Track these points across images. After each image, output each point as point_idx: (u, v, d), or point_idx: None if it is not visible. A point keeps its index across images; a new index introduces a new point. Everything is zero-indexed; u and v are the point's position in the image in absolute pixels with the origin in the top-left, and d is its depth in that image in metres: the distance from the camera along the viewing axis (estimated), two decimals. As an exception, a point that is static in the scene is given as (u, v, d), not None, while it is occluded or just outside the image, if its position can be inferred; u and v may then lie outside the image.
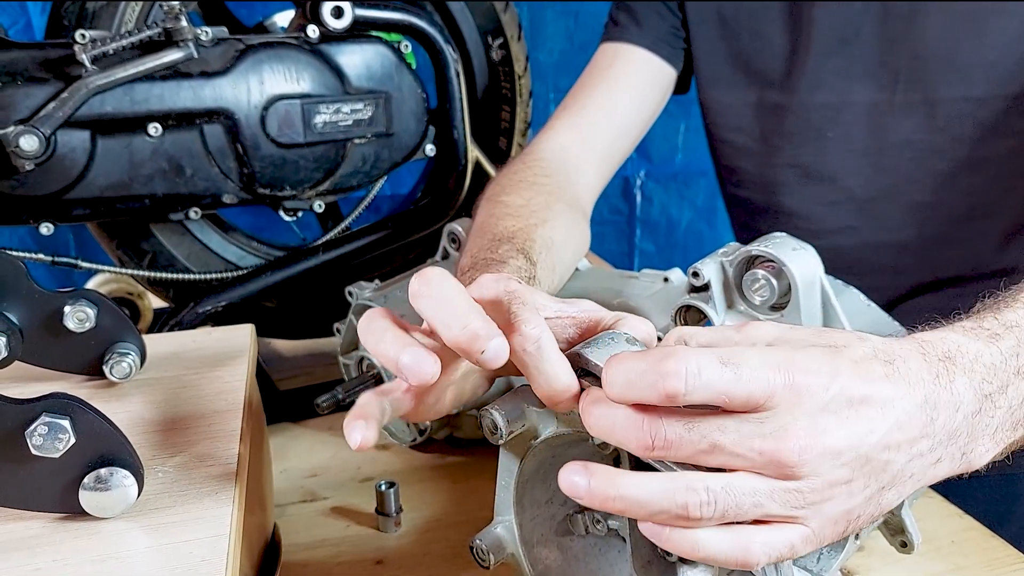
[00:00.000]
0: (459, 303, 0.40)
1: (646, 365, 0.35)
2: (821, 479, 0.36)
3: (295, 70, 0.81)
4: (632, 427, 0.36)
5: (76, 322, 0.56)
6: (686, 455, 0.36)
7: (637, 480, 0.36)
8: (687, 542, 0.37)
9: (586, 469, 0.37)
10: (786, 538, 0.37)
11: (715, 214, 1.74)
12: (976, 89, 0.74)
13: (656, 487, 0.36)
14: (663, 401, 0.36)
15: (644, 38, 0.86)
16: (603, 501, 0.37)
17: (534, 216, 0.67)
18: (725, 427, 0.36)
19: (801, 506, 0.36)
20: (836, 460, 0.36)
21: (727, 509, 0.36)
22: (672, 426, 0.36)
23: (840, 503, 0.37)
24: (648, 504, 0.36)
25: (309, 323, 0.96)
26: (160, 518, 0.44)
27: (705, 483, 0.36)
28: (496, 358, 0.39)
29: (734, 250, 0.52)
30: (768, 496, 0.36)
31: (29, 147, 0.70)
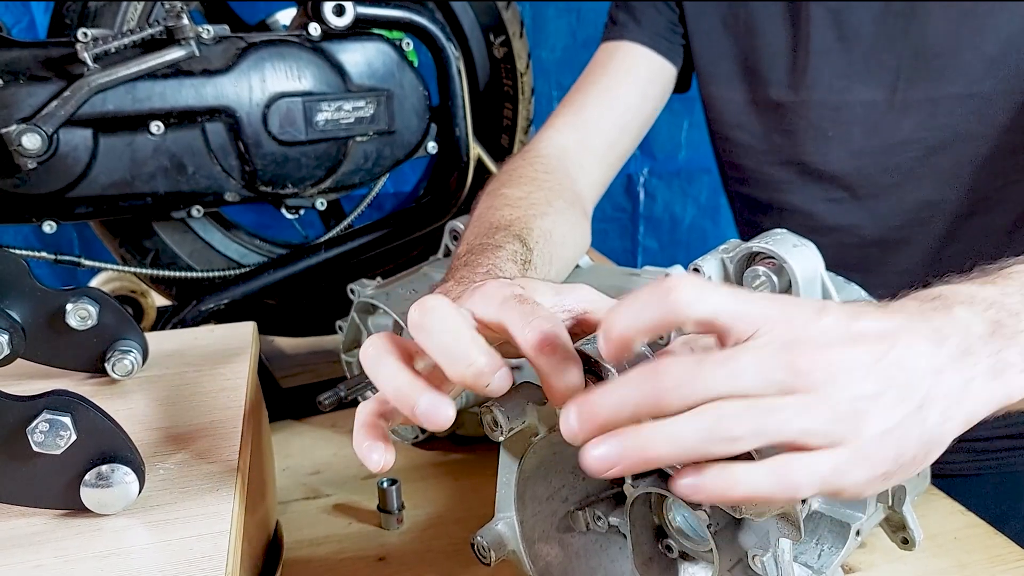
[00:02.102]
0: (460, 336, 0.39)
1: (648, 293, 0.36)
2: (845, 390, 0.35)
3: (297, 68, 0.81)
4: (646, 379, 0.35)
5: (78, 320, 0.56)
6: (709, 386, 0.35)
7: (668, 423, 0.35)
8: (726, 483, 0.35)
9: (613, 436, 0.35)
10: (829, 460, 0.35)
11: (718, 211, 1.74)
12: (978, 86, 0.73)
13: (689, 422, 0.35)
14: (666, 316, 0.36)
15: (642, 35, 0.86)
16: (636, 456, 0.35)
17: (533, 208, 0.67)
18: (738, 351, 0.35)
19: (834, 421, 0.35)
20: (853, 373, 0.36)
21: (763, 426, 0.34)
22: (684, 362, 0.35)
23: (878, 420, 0.36)
24: (685, 439, 0.34)
25: (311, 321, 0.96)
26: (161, 515, 0.45)
27: (734, 406, 0.34)
28: (500, 390, 0.39)
29: (735, 246, 0.52)
30: (801, 409, 0.35)
31: (32, 145, 0.71)
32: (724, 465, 0.35)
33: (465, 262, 0.57)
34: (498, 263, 0.55)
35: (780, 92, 0.82)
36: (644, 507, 0.48)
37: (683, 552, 0.49)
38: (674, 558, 0.49)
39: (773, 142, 0.85)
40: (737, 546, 0.45)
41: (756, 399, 0.35)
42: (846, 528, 0.49)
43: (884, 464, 0.37)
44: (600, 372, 0.40)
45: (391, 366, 0.41)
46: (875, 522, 0.52)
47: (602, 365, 0.40)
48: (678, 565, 0.49)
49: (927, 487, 0.56)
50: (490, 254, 0.56)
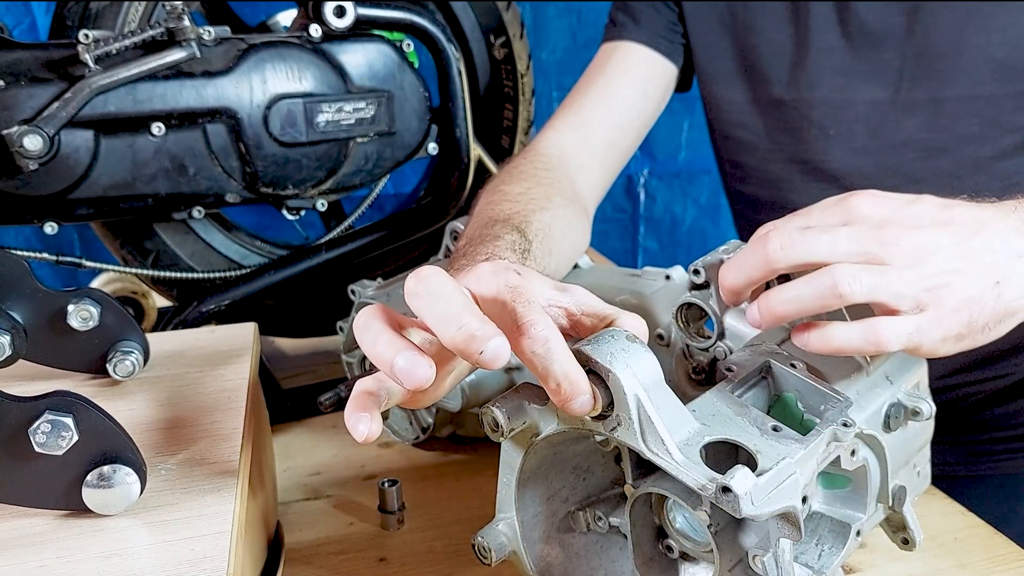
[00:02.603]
0: (454, 301, 0.40)
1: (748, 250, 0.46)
2: (932, 266, 0.43)
3: (297, 69, 0.81)
4: (759, 243, 0.45)
5: (80, 321, 0.56)
6: (811, 249, 0.43)
7: (789, 285, 0.44)
8: (826, 336, 0.44)
9: (760, 296, 0.45)
10: (912, 322, 0.43)
11: (719, 212, 1.74)
12: (982, 88, 0.73)
13: (806, 282, 0.43)
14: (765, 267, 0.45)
15: (642, 34, 0.86)
16: (771, 310, 0.45)
17: (532, 203, 0.67)
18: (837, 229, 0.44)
19: (921, 289, 0.43)
20: (940, 251, 0.43)
21: (871, 288, 0.42)
22: (788, 229, 0.44)
23: (957, 291, 0.43)
24: (804, 296, 0.43)
25: (312, 321, 0.96)
26: (163, 515, 0.45)
27: (844, 268, 0.42)
28: (495, 359, 0.38)
29: (735, 247, 0.52)
30: (896, 276, 0.42)
31: (33, 147, 0.71)
32: (827, 323, 0.44)
33: (464, 253, 0.57)
34: (497, 251, 0.55)
35: (781, 90, 0.82)
36: (645, 507, 0.48)
37: (684, 552, 0.49)
38: (675, 558, 0.49)
39: (774, 140, 0.85)
40: (737, 546, 0.45)
41: (863, 267, 0.43)
42: (846, 528, 0.49)
43: (958, 327, 0.44)
44: (599, 372, 0.40)
45: (376, 326, 0.41)
46: (875, 522, 0.52)
47: (601, 365, 0.40)
48: (679, 565, 0.49)
49: (927, 487, 0.56)
50: (489, 243, 0.56)
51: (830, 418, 0.45)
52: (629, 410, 0.40)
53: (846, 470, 0.47)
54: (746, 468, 0.38)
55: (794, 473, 0.40)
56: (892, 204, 0.45)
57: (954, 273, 0.43)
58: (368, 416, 0.41)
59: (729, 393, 0.46)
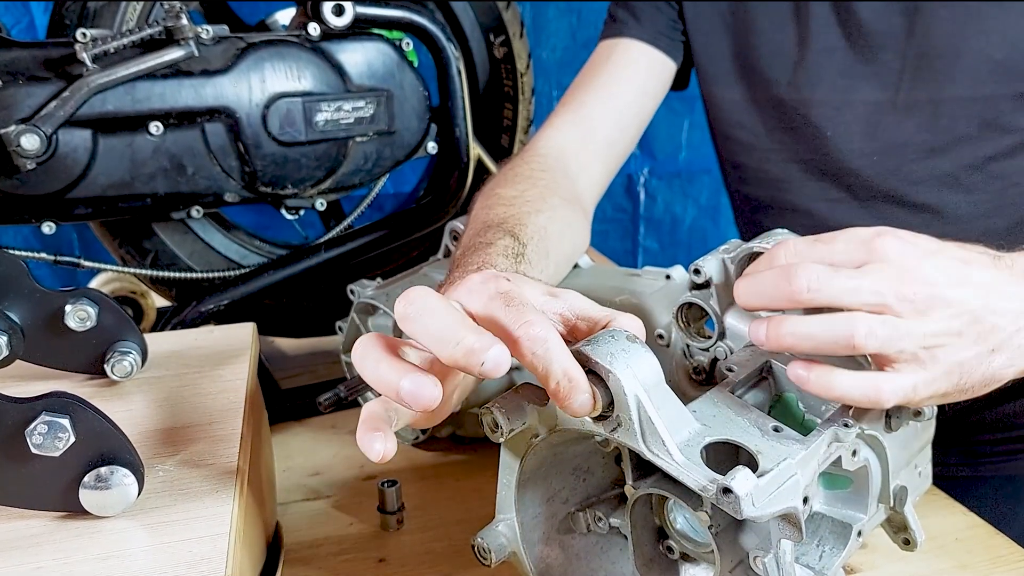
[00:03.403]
0: (446, 318, 0.39)
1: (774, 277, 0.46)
2: (937, 324, 0.44)
3: (296, 68, 0.81)
4: (785, 276, 0.44)
5: (77, 321, 0.56)
6: (833, 295, 0.44)
7: (805, 319, 0.44)
8: (828, 382, 0.44)
9: (765, 320, 0.45)
10: (910, 381, 0.45)
11: (719, 211, 1.73)
12: (981, 88, 0.73)
13: (823, 322, 0.44)
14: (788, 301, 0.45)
15: (642, 31, 0.85)
16: (778, 340, 0.45)
17: (527, 205, 0.66)
18: (862, 273, 0.44)
19: (923, 347, 0.44)
20: (948, 310, 0.44)
21: (883, 342, 0.43)
22: (820, 269, 0.44)
23: (954, 352, 0.45)
24: (817, 336, 0.44)
25: (311, 321, 0.96)
26: (161, 517, 0.44)
27: (865, 319, 0.43)
28: (496, 368, 0.38)
29: (735, 247, 0.52)
30: (906, 331, 0.44)
31: (31, 146, 0.70)
32: (830, 368, 0.45)
33: (458, 263, 0.57)
34: (489, 259, 0.55)
35: (782, 91, 0.82)
36: (645, 508, 0.48)
37: (684, 553, 0.49)
38: (675, 559, 0.49)
39: (774, 140, 0.84)
40: (738, 547, 0.44)
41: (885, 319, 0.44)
42: (848, 529, 0.49)
43: (946, 388, 0.46)
44: (599, 373, 0.40)
45: (375, 354, 0.41)
46: (877, 523, 0.52)
47: (601, 366, 0.40)
48: (679, 566, 0.49)
49: (929, 488, 0.56)
50: (481, 252, 0.56)
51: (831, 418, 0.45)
52: (629, 411, 0.40)
53: (847, 471, 0.47)
54: (747, 469, 0.38)
55: (795, 474, 0.40)
56: (916, 253, 0.46)
57: (955, 335, 0.45)
58: (381, 435, 0.41)
59: (730, 393, 0.46)
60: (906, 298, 0.44)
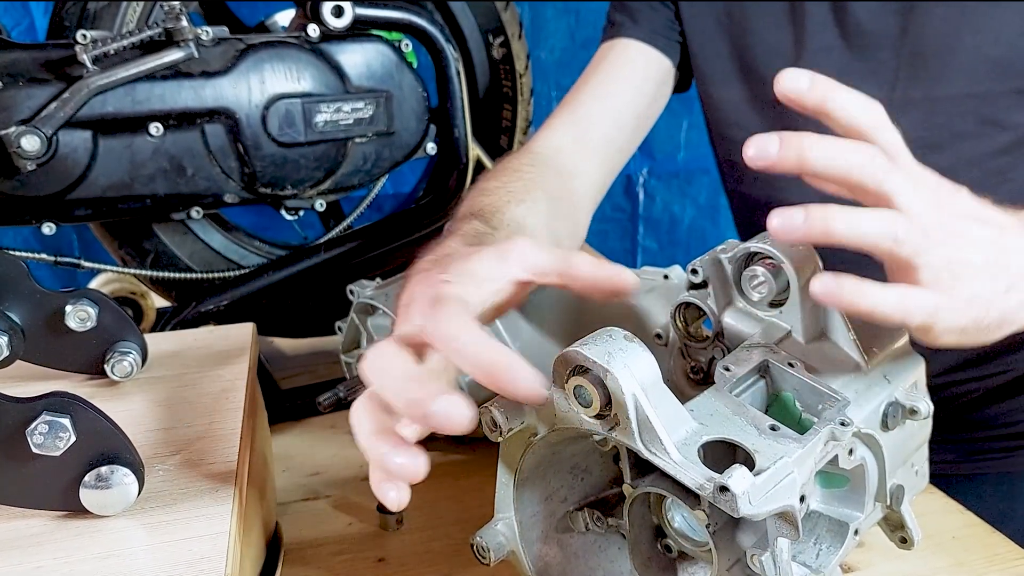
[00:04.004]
0: (395, 372, 0.40)
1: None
2: (961, 251, 0.45)
3: (296, 69, 0.81)
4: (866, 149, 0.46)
5: (77, 321, 0.56)
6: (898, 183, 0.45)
7: (853, 210, 0.44)
8: (859, 292, 0.43)
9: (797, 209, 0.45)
10: (933, 300, 0.44)
11: (718, 211, 1.74)
12: (977, 86, 0.73)
13: (872, 214, 0.44)
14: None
15: (639, 31, 0.86)
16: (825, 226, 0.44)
17: (509, 195, 0.65)
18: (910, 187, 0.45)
19: (947, 270, 0.44)
20: (971, 244, 0.45)
21: (916, 248, 0.43)
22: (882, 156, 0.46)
23: (976, 284, 0.45)
24: (864, 226, 0.44)
25: (311, 322, 0.96)
26: (161, 516, 0.45)
27: (907, 220, 0.44)
28: (446, 417, 0.38)
29: (733, 247, 0.52)
30: (933, 243, 0.44)
31: (31, 147, 0.71)
32: (860, 279, 0.43)
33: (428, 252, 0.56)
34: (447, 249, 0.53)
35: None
36: (643, 507, 0.48)
37: (682, 552, 0.49)
38: (673, 558, 0.49)
39: (773, 140, 0.85)
40: (736, 546, 0.45)
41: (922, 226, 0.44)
42: (844, 527, 0.49)
43: (967, 320, 0.46)
44: (597, 372, 0.40)
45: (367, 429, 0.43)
46: (873, 521, 0.52)
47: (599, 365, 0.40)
48: (677, 565, 0.50)
49: (926, 486, 0.56)
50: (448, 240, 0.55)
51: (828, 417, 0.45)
52: (627, 410, 0.40)
53: (844, 469, 0.47)
54: (744, 467, 0.38)
55: (792, 472, 0.40)
56: (943, 185, 0.49)
57: (976, 267, 0.45)
58: (395, 487, 0.43)
59: (727, 392, 0.46)
60: (937, 218, 0.45)
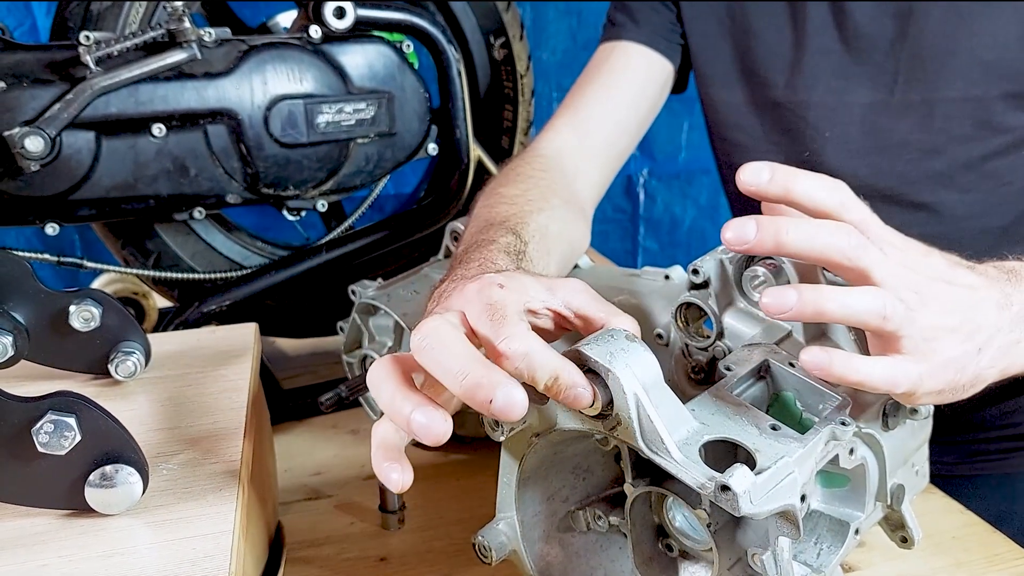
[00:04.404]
0: (459, 352, 0.40)
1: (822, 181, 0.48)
2: (935, 317, 0.45)
3: (298, 70, 0.81)
4: (840, 230, 0.43)
5: (82, 321, 0.56)
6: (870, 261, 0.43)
7: (844, 289, 0.43)
8: (849, 366, 0.43)
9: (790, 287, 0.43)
10: (917, 369, 0.45)
11: (718, 212, 1.74)
12: (975, 89, 0.74)
13: (863, 293, 0.43)
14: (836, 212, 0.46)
15: (640, 34, 0.86)
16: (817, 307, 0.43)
17: (529, 204, 0.67)
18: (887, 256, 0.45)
19: (928, 339, 0.45)
20: (944, 304, 0.45)
21: (900, 323, 0.43)
22: (858, 234, 0.44)
23: (951, 347, 0.45)
24: (855, 306, 0.43)
25: (313, 322, 0.97)
26: (165, 515, 0.45)
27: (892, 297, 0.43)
28: (508, 406, 0.38)
29: (734, 247, 0.52)
30: (913, 317, 0.44)
31: (34, 148, 0.71)
32: (849, 354, 0.44)
33: (461, 260, 0.57)
34: (490, 257, 0.56)
35: (778, 92, 0.82)
36: (644, 506, 0.49)
37: (683, 551, 0.49)
38: (674, 557, 0.50)
39: (771, 142, 0.85)
40: (737, 545, 0.45)
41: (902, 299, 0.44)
42: (845, 527, 0.50)
43: (943, 383, 0.46)
44: (599, 372, 0.40)
45: (390, 387, 0.42)
46: (874, 521, 0.52)
47: (600, 365, 0.40)
48: (678, 564, 0.50)
49: (926, 486, 0.56)
50: (483, 249, 0.57)
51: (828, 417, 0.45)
52: (628, 409, 0.40)
53: (845, 469, 0.47)
54: (745, 467, 0.38)
55: (792, 472, 0.40)
56: (915, 247, 0.48)
57: (951, 331, 0.45)
58: (399, 466, 0.43)
59: (728, 392, 0.46)
60: (912, 287, 0.44)
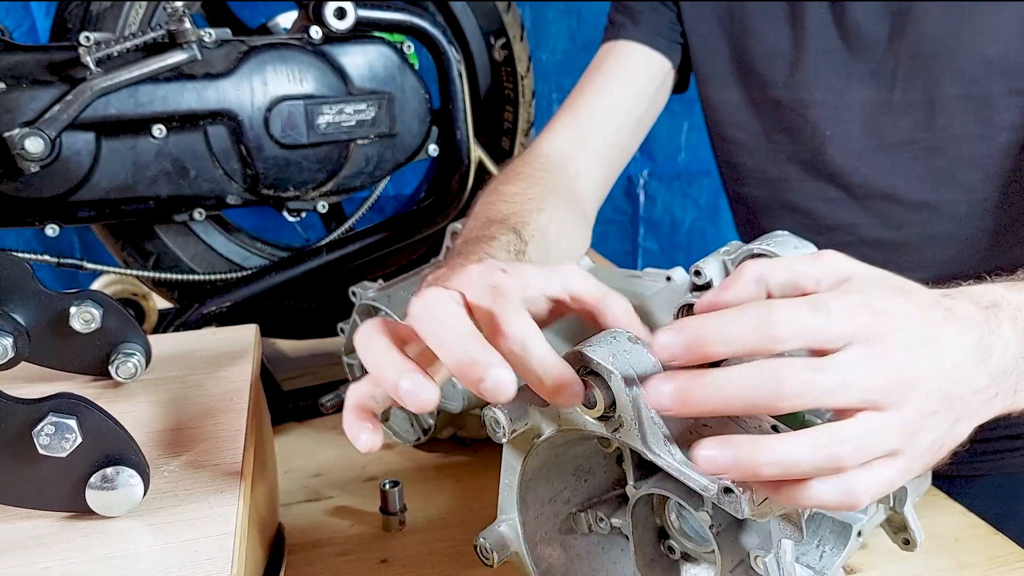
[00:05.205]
0: (458, 326, 0.40)
1: (754, 318, 0.37)
2: (915, 408, 0.38)
3: (298, 71, 0.81)
4: (770, 380, 0.36)
5: (82, 323, 0.56)
6: (814, 399, 0.37)
7: (786, 442, 0.36)
8: (802, 495, 0.37)
9: (727, 443, 0.36)
10: (887, 474, 0.38)
11: (718, 213, 1.74)
12: (976, 87, 0.74)
13: (805, 444, 0.36)
14: (768, 348, 0.37)
15: (640, 33, 0.86)
16: (753, 470, 0.36)
17: (530, 203, 0.67)
18: (849, 363, 0.37)
19: (903, 437, 0.38)
20: (922, 391, 0.38)
21: (871, 451, 0.37)
22: (803, 371, 0.36)
23: (929, 434, 0.39)
24: (801, 463, 0.36)
25: (313, 323, 0.96)
26: (166, 517, 0.45)
27: (845, 433, 0.37)
28: (497, 388, 0.38)
29: (736, 248, 0.52)
30: (888, 432, 0.38)
31: (34, 149, 0.71)
32: (800, 483, 0.37)
33: (459, 251, 0.57)
34: (491, 252, 0.56)
35: (778, 91, 0.82)
36: (646, 508, 0.49)
37: (685, 553, 0.49)
38: (676, 559, 0.50)
39: (772, 141, 0.85)
40: (739, 547, 0.45)
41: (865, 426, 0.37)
42: (848, 529, 0.50)
43: (923, 468, 0.41)
44: (601, 374, 0.40)
45: (380, 345, 0.41)
46: (876, 523, 0.52)
47: (603, 366, 0.40)
48: (680, 566, 0.50)
49: (928, 488, 0.56)
50: (484, 244, 0.57)
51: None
52: (630, 411, 0.40)
53: (847, 471, 0.47)
54: (747, 469, 0.38)
55: (795, 474, 0.40)
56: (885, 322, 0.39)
57: (931, 416, 0.39)
58: (370, 427, 0.42)
59: (730, 394, 0.46)
60: (885, 391, 0.37)
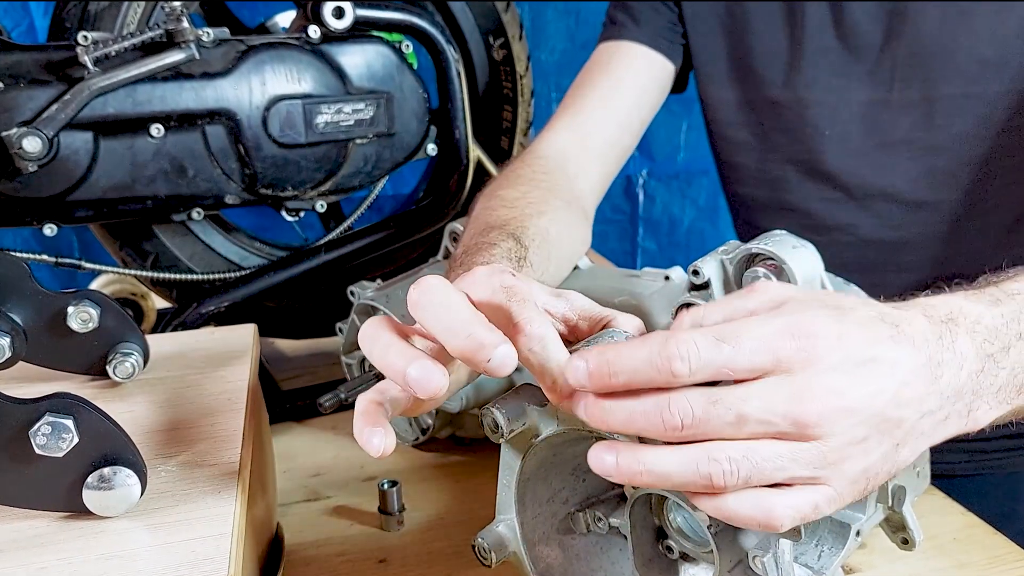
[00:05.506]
0: (459, 310, 0.40)
1: (649, 351, 0.36)
2: (839, 438, 0.37)
3: (296, 70, 0.81)
4: (656, 410, 0.36)
5: (80, 322, 0.56)
6: (713, 429, 0.36)
7: (659, 454, 0.37)
8: (715, 506, 0.37)
9: (613, 447, 0.37)
10: (810, 499, 0.37)
11: (717, 213, 1.74)
12: (974, 86, 0.74)
13: (678, 459, 0.36)
14: (667, 382, 0.36)
15: (642, 34, 0.86)
16: (631, 476, 0.37)
17: (530, 207, 0.67)
18: (748, 396, 0.36)
19: (822, 466, 0.37)
20: (852, 419, 0.37)
21: (750, 475, 0.36)
22: (698, 402, 0.36)
23: (858, 461, 0.38)
24: (672, 476, 0.36)
25: (311, 323, 0.96)
26: (163, 517, 0.45)
27: (726, 452, 0.36)
28: (502, 365, 0.38)
29: (734, 248, 0.52)
30: (790, 459, 0.36)
31: (32, 149, 0.71)
32: (717, 495, 0.37)
33: (460, 263, 0.57)
34: (492, 260, 0.56)
35: (777, 91, 0.82)
36: (644, 508, 0.49)
37: (683, 553, 0.49)
38: (675, 559, 0.49)
39: (770, 141, 0.85)
40: (737, 547, 0.45)
41: (750, 449, 0.36)
42: (846, 529, 0.49)
43: (854, 496, 0.39)
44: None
45: (385, 337, 0.41)
46: (875, 522, 0.52)
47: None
48: (679, 566, 0.50)
49: (927, 487, 0.56)
50: (484, 252, 0.57)
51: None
52: (629, 411, 0.40)
53: (846, 470, 0.47)
54: (746, 469, 0.38)
55: (794, 474, 0.40)
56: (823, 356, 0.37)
57: (859, 443, 0.37)
58: (381, 431, 0.41)
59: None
60: (797, 420, 0.36)
